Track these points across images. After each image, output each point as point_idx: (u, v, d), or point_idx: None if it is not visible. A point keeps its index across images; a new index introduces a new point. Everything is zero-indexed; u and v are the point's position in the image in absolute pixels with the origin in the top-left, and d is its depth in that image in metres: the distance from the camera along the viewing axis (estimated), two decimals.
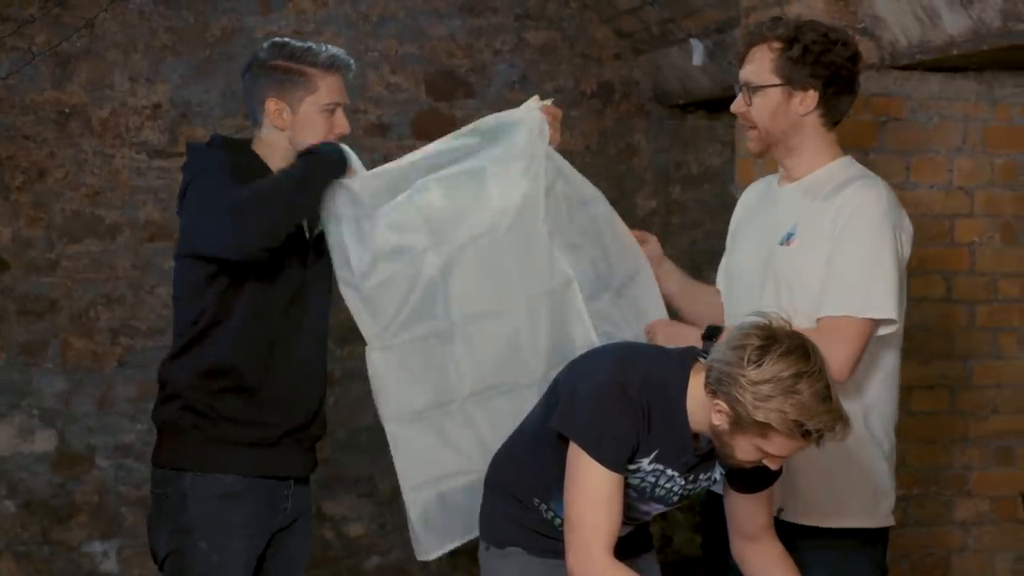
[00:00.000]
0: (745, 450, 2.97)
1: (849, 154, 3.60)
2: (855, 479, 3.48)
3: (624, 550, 3.12)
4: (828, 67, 3.43)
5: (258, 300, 3.52)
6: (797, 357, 2.89)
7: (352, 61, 3.63)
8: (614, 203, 6.33)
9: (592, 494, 3.02)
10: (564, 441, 3.07)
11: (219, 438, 3.52)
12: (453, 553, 6.24)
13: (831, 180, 3.47)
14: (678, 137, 6.38)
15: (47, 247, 5.89)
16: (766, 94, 3.46)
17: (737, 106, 3.55)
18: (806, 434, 2.89)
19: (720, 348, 2.98)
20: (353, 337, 6.12)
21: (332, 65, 3.58)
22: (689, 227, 6.29)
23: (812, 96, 3.44)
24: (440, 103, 6.23)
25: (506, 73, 6.28)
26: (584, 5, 6.32)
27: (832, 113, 3.50)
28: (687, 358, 3.11)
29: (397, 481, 6.24)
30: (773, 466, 3.01)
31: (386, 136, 6.06)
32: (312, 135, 3.56)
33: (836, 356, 3.21)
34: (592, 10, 6.32)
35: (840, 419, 2.91)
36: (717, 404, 2.95)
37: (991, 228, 4.78)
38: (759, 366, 2.88)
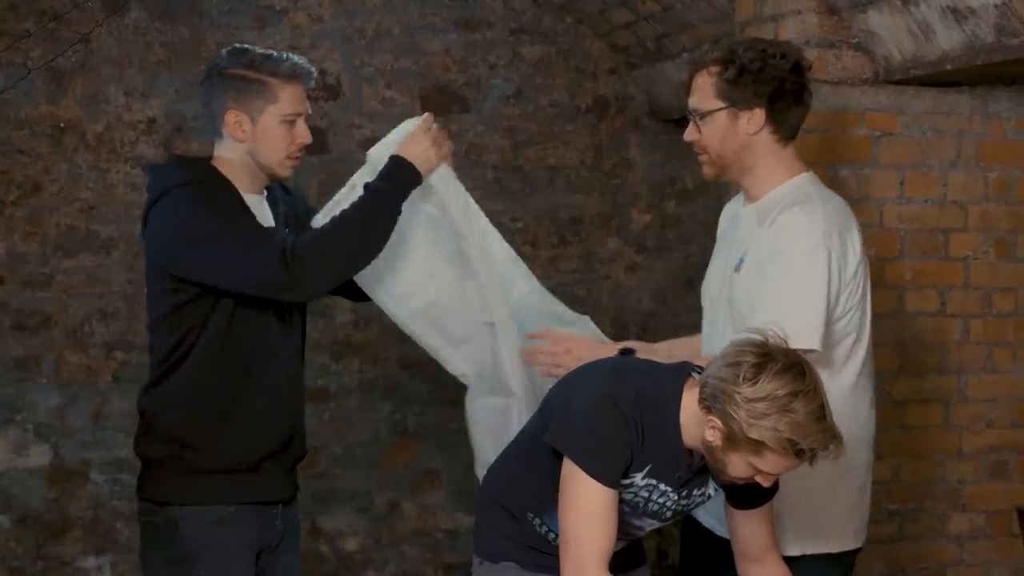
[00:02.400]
0: (738, 467, 2.97)
1: (810, 170, 3.55)
2: (818, 509, 3.45)
3: (618, 565, 3.12)
4: (770, 82, 3.39)
5: (239, 322, 3.48)
6: (793, 375, 2.88)
7: (313, 70, 3.56)
8: (608, 218, 6.40)
9: (586, 510, 3.02)
10: (558, 456, 3.07)
11: (198, 467, 3.48)
12: (447, 567, 6.28)
13: (779, 204, 3.43)
14: (673, 152, 6.38)
15: (42, 262, 5.89)
16: (713, 119, 3.44)
17: (689, 135, 3.53)
18: (800, 453, 2.89)
19: (715, 364, 2.98)
20: (348, 352, 6.18)
21: (293, 74, 3.49)
22: (684, 242, 6.30)
23: (758, 114, 3.41)
24: (436, 118, 6.23)
25: (501, 87, 6.29)
26: (579, 20, 6.33)
27: (783, 128, 3.45)
28: (681, 373, 3.11)
29: (392, 495, 6.28)
30: (765, 483, 3.00)
31: None
32: (273, 147, 3.48)
33: None
34: (587, 25, 6.33)
35: (834, 438, 2.91)
36: (711, 420, 2.95)
37: (985, 242, 4.79)
38: (754, 384, 2.87)
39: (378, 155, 3.62)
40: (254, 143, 3.48)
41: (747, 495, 3.18)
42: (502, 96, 6.29)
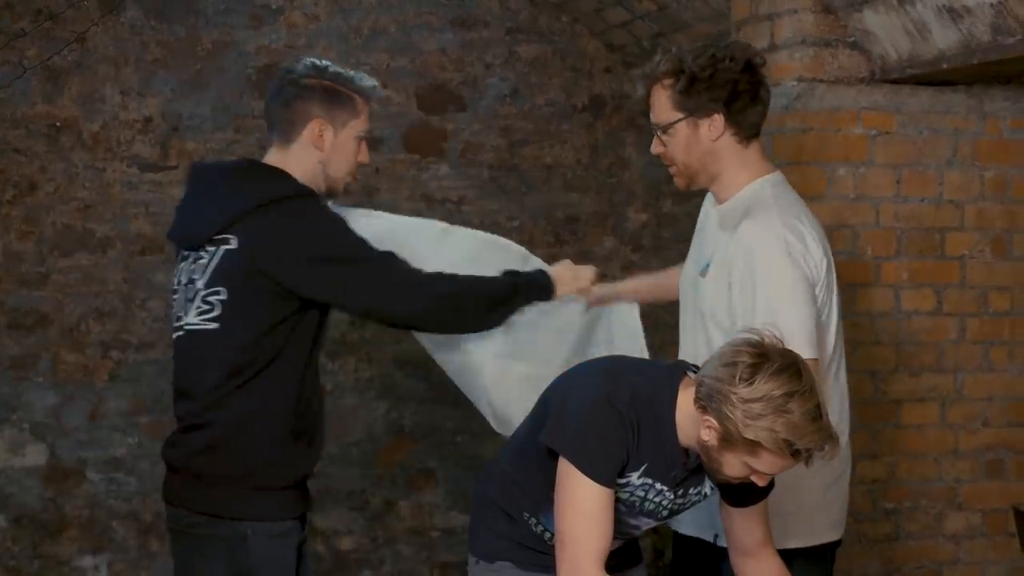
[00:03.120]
0: (733, 466, 2.97)
1: (776, 169, 3.58)
2: (786, 502, 3.45)
3: (614, 564, 3.12)
4: (723, 87, 3.41)
5: (320, 336, 3.54)
6: (789, 376, 2.88)
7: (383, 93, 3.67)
8: (605, 216, 6.40)
9: (582, 509, 3.02)
10: (554, 456, 3.07)
11: (271, 484, 3.47)
12: (443, 567, 6.27)
13: (739, 209, 3.47)
14: None
15: (38, 261, 5.88)
16: (675, 130, 3.47)
17: (655, 148, 3.56)
18: (796, 453, 2.89)
19: (711, 364, 2.98)
20: (344, 351, 6.17)
21: (373, 94, 3.61)
22: (680, 241, 6.27)
23: (717, 120, 3.44)
24: (431, 117, 6.24)
25: (497, 87, 6.29)
26: (575, 19, 6.33)
27: (743, 129, 3.47)
28: (676, 372, 3.11)
29: (387, 494, 6.26)
30: (760, 482, 3.01)
31: (377, 150, 6.05)
32: (344, 161, 3.55)
33: None
34: (583, 24, 6.33)
35: (829, 438, 2.91)
36: (707, 420, 2.95)
37: (981, 241, 4.79)
38: (750, 384, 2.87)
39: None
40: (331, 155, 3.53)
41: (743, 494, 3.18)
42: (498, 95, 6.29)
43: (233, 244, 3.42)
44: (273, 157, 3.54)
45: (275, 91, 3.59)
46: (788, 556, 3.36)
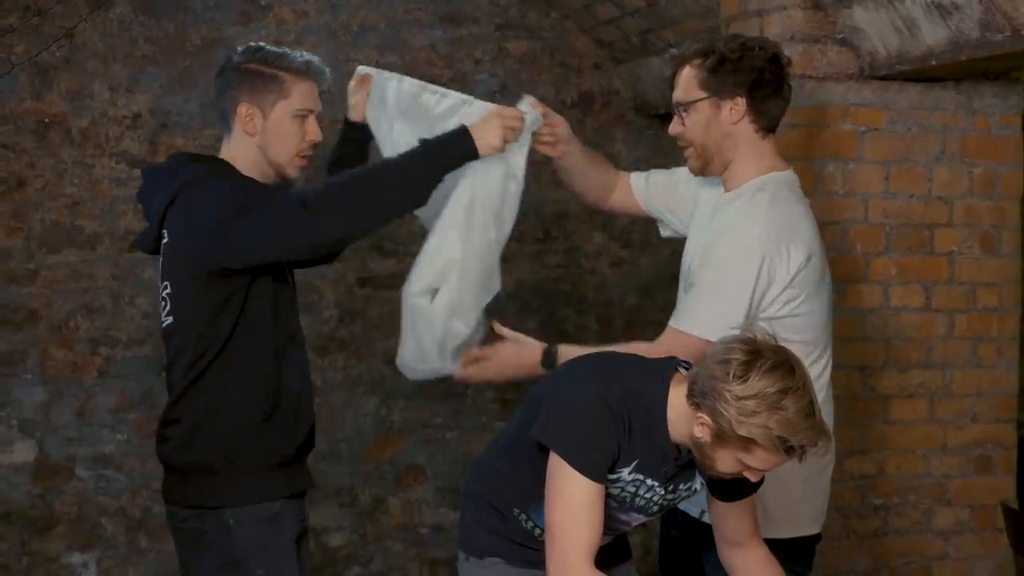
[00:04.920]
0: (727, 463, 2.97)
1: (789, 168, 3.61)
2: (775, 495, 3.47)
3: (604, 560, 3.12)
4: (749, 71, 3.47)
5: (275, 310, 3.45)
6: (782, 373, 2.89)
7: (327, 69, 3.57)
8: (593, 213, 6.40)
9: (572, 504, 3.02)
10: (544, 451, 3.07)
11: (248, 467, 3.44)
12: (432, 563, 6.27)
13: (737, 198, 3.54)
14: (658, 147, 6.39)
15: (26, 257, 5.87)
16: (696, 109, 3.52)
17: (674, 128, 3.61)
18: (789, 449, 2.90)
19: (705, 361, 2.98)
20: (332, 347, 6.17)
21: (306, 71, 3.50)
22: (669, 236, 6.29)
23: (740, 103, 3.49)
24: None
25: (487, 83, 6.28)
26: (564, 15, 6.33)
27: (763, 119, 3.52)
28: (668, 368, 3.11)
29: (377, 491, 6.25)
30: (753, 478, 3.01)
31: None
32: (283, 142, 3.48)
33: None
34: (572, 20, 6.33)
35: (823, 434, 2.92)
36: (700, 417, 2.95)
37: (970, 238, 4.80)
38: (744, 381, 2.87)
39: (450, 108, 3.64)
40: (265, 138, 3.47)
41: (733, 489, 3.19)
42: (488, 91, 6.28)
43: (166, 238, 3.46)
44: (223, 149, 3.53)
45: (214, 84, 3.59)
46: (769, 547, 3.38)
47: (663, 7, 5.49)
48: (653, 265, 6.42)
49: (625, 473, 3.09)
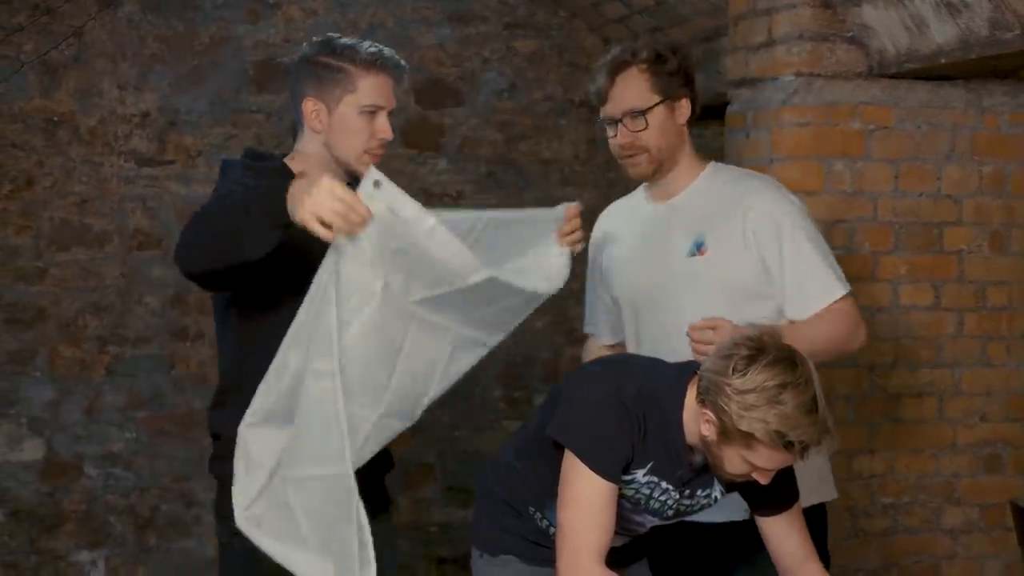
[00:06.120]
0: (733, 462, 2.95)
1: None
2: None
3: (617, 559, 3.11)
4: (687, 72, 3.57)
5: (276, 329, 3.09)
6: (783, 367, 2.87)
7: (403, 63, 3.33)
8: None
9: (585, 502, 3.01)
10: (559, 449, 3.05)
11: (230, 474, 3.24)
12: (441, 561, 6.27)
13: (714, 187, 3.60)
14: None
15: (35, 255, 5.88)
16: (653, 114, 3.53)
17: (623, 138, 3.55)
18: (788, 445, 2.86)
19: (712, 358, 2.98)
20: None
21: (374, 63, 3.27)
22: None
23: (685, 104, 3.57)
24: (429, 111, 6.24)
25: (495, 81, 6.28)
26: (572, 14, 6.33)
27: (694, 114, 3.62)
28: (686, 371, 3.08)
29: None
30: (762, 480, 2.97)
31: None
32: (349, 139, 3.25)
33: (860, 332, 3.54)
34: (580, 19, 6.32)
35: (826, 432, 2.88)
36: (705, 414, 2.94)
37: (980, 236, 4.79)
38: (744, 375, 2.86)
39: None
40: (330, 134, 3.27)
41: (761, 497, 3.15)
42: (496, 90, 6.29)
43: None
44: (295, 146, 3.35)
45: (286, 80, 3.47)
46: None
47: (671, 5, 5.49)
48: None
49: (640, 475, 3.07)
